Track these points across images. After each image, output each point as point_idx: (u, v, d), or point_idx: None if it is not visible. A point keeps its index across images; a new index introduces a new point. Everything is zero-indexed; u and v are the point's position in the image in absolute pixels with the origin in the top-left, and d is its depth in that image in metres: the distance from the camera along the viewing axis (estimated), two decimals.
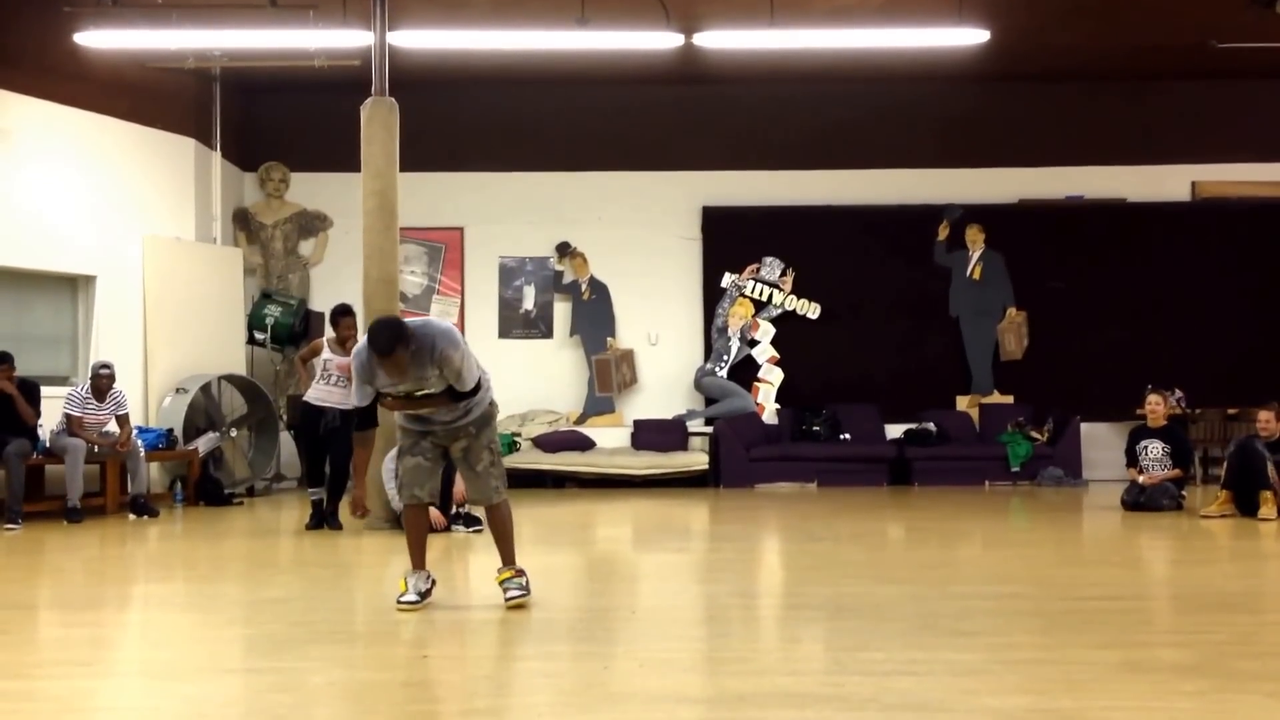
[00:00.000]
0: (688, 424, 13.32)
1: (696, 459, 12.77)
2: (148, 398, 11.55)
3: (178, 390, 11.43)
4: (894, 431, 13.15)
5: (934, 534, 8.77)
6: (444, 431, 5.42)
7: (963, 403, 13.56)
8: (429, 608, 5.37)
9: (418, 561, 5.50)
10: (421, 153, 11.45)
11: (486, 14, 10.94)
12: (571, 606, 5.60)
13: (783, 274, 13.66)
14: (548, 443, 12.73)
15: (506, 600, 5.37)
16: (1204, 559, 7.46)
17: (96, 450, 9.83)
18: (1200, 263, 13.51)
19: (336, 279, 12.99)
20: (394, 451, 8.63)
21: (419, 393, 5.23)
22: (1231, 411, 12.58)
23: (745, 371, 13.62)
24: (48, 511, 9.66)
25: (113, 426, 9.97)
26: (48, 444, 9.76)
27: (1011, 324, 13.64)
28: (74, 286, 11.35)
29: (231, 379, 12.15)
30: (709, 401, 13.53)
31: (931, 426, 12.96)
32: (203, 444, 11.25)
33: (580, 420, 13.47)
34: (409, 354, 5.04)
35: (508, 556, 5.53)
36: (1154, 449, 9.97)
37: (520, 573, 5.49)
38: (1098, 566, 7.08)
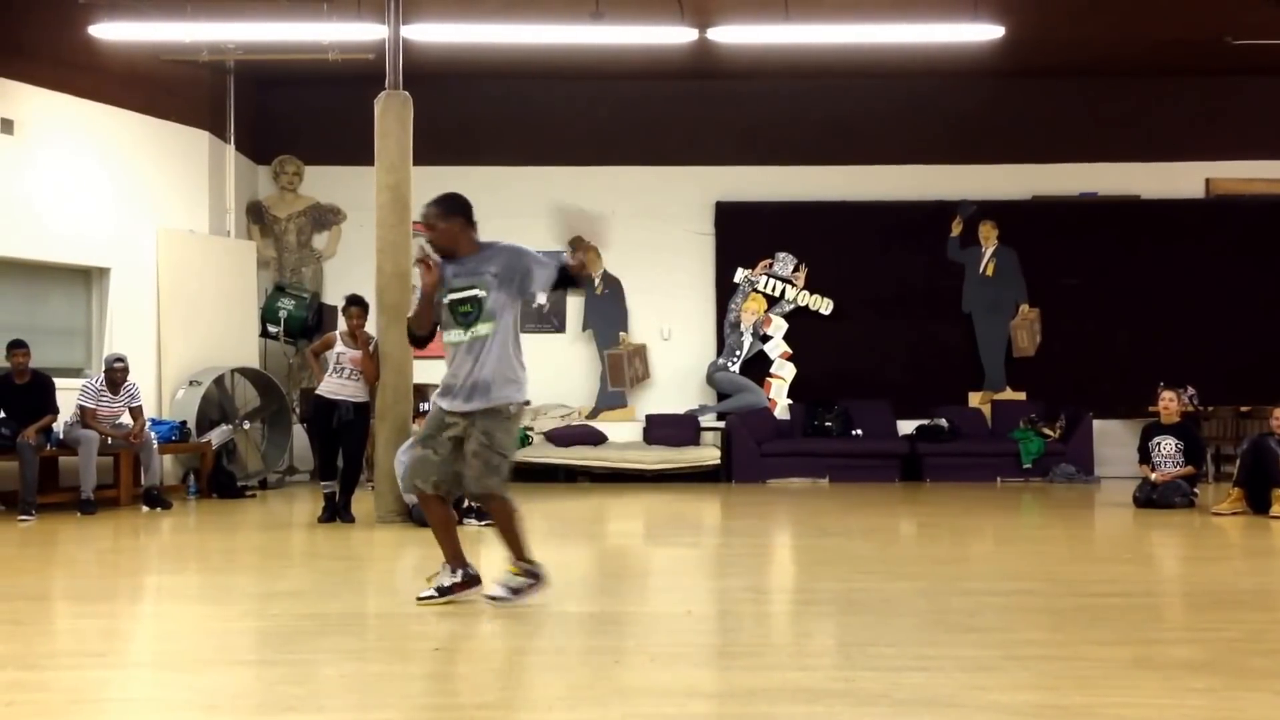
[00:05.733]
0: (700, 419, 13.32)
1: (708, 454, 12.76)
2: (161, 390, 11.60)
3: (191, 382, 11.46)
4: (906, 427, 13.15)
5: (945, 530, 8.76)
6: (464, 418, 5.16)
7: (975, 399, 13.54)
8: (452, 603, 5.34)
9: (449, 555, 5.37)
10: (435, 146, 11.43)
11: (500, 8, 10.94)
12: (583, 601, 5.60)
13: (795, 269, 13.65)
14: (560, 437, 12.74)
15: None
16: (1215, 556, 7.44)
17: (110, 442, 9.86)
18: (1213, 260, 13.48)
19: (350, 272, 13.01)
20: (407, 444, 8.72)
21: (465, 296, 5.24)
22: (1244, 409, 12.54)
23: (757, 367, 13.62)
24: (61, 503, 9.69)
25: (126, 418, 9.99)
26: (61, 436, 9.80)
27: (1024, 320, 13.61)
28: (88, 279, 11.40)
29: (244, 372, 12.18)
30: (721, 396, 13.53)
31: (944, 422, 12.95)
32: (216, 436, 11.28)
33: (592, 415, 13.49)
34: (443, 220, 5.32)
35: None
36: (1166, 446, 9.95)
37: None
38: (1109, 563, 7.06)
